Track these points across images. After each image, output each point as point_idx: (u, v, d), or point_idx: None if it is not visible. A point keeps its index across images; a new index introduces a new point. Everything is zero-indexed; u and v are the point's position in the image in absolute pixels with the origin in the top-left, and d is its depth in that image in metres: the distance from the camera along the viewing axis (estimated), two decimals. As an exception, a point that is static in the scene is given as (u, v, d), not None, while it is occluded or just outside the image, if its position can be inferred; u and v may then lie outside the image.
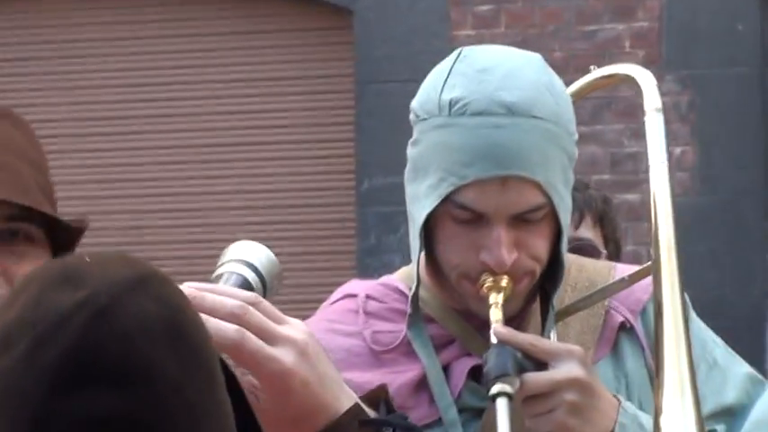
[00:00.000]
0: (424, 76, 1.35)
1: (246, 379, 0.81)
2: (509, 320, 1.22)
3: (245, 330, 0.82)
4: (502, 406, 1.11)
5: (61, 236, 1.14)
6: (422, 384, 1.27)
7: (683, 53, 6.10)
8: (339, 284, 1.48)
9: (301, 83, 6.20)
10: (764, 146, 6.02)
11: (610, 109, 6.13)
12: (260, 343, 0.83)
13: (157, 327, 0.52)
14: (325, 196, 6.27)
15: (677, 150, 5.76)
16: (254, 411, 0.66)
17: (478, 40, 5.54)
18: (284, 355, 0.84)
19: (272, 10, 6.30)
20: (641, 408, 1.25)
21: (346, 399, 0.89)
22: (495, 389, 1.11)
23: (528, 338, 1.22)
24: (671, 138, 1.78)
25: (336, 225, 6.30)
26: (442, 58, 1.34)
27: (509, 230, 1.21)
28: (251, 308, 0.85)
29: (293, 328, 0.87)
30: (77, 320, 0.50)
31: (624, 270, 1.37)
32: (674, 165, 5.43)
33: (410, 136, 1.33)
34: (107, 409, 0.50)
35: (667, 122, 1.41)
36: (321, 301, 1.48)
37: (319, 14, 6.28)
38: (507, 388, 1.12)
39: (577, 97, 1.46)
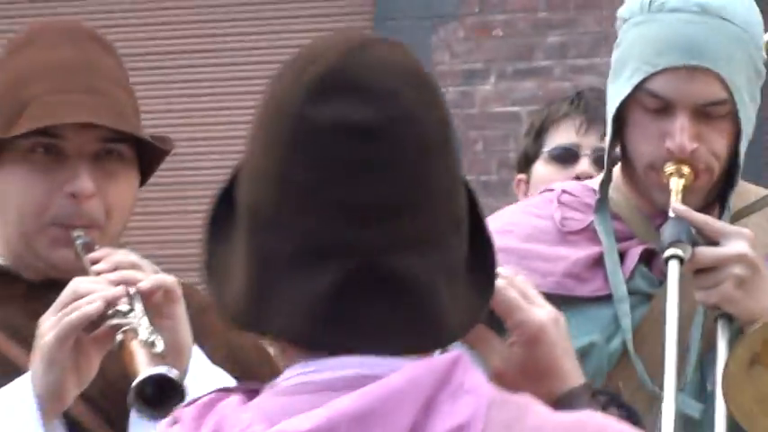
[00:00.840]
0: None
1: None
2: None
3: (511, 282, 0.92)
4: (673, 268, 1.28)
5: (147, 155, 1.31)
6: (599, 262, 1.45)
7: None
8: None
9: (321, 20, 6.40)
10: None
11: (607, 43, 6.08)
12: (521, 297, 0.93)
13: (405, 68, 0.68)
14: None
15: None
16: (508, 360, 0.88)
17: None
18: (541, 314, 0.92)
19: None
20: None
21: (580, 375, 0.96)
22: (668, 252, 1.29)
23: (702, 217, 1.37)
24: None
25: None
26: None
27: (693, 121, 1.38)
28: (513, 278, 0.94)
29: (545, 303, 0.96)
30: (342, 48, 0.66)
31: None
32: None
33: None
34: (347, 116, 0.63)
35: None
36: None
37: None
38: (680, 252, 1.29)
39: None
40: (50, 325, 1.17)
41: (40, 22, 2.55)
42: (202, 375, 1.22)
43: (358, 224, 0.63)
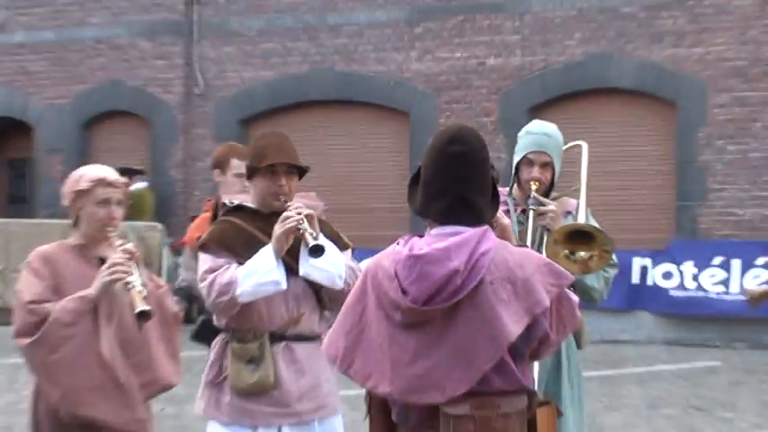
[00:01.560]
0: None
1: None
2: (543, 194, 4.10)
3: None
4: (532, 214, 3.99)
5: (301, 172, 3.74)
6: (508, 213, 4.23)
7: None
8: None
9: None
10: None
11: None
12: (500, 217, 3.55)
13: (473, 133, 2.73)
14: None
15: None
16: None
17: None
18: (506, 220, 3.70)
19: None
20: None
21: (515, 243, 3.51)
22: (531, 208, 3.99)
23: (542, 198, 4.02)
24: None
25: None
26: None
27: (540, 168, 4.09)
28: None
29: (506, 217, 3.76)
30: (455, 127, 2.78)
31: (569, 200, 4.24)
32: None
33: None
34: (457, 149, 2.63)
35: None
36: None
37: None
38: (534, 208, 4.00)
39: None
40: (278, 227, 3.54)
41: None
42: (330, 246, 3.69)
43: (459, 184, 2.60)
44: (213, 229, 4.07)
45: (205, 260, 3.96)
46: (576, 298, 2.70)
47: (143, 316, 3.44)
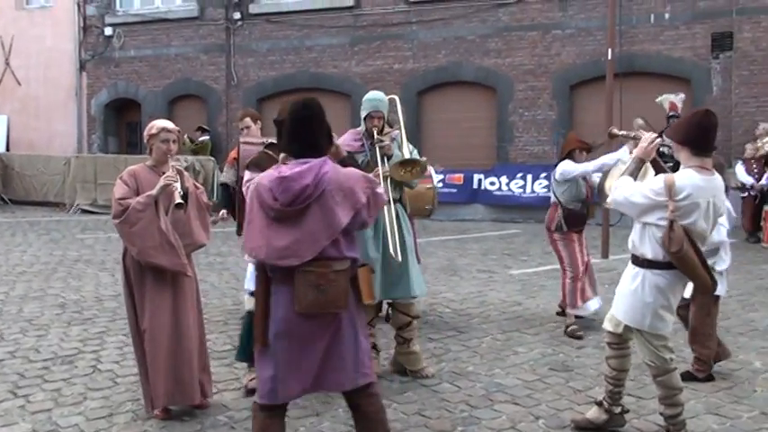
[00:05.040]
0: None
1: None
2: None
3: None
4: (377, 147, 5.39)
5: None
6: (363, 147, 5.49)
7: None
8: None
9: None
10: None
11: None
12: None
13: (317, 107, 3.52)
14: None
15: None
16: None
17: None
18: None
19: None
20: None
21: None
22: (376, 142, 5.41)
23: (379, 137, 5.42)
24: None
25: None
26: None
27: (380, 120, 5.53)
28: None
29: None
30: (303, 103, 3.53)
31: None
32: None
33: None
34: (307, 114, 3.47)
35: None
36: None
37: None
38: (377, 143, 5.41)
39: None
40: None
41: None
42: None
43: (306, 133, 3.42)
44: (254, 157, 5.27)
45: (247, 174, 5.08)
46: (381, 192, 3.52)
47: (179, 206, 4.46)
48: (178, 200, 4.40)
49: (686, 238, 4.07)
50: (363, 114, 5.42)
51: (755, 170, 13.16)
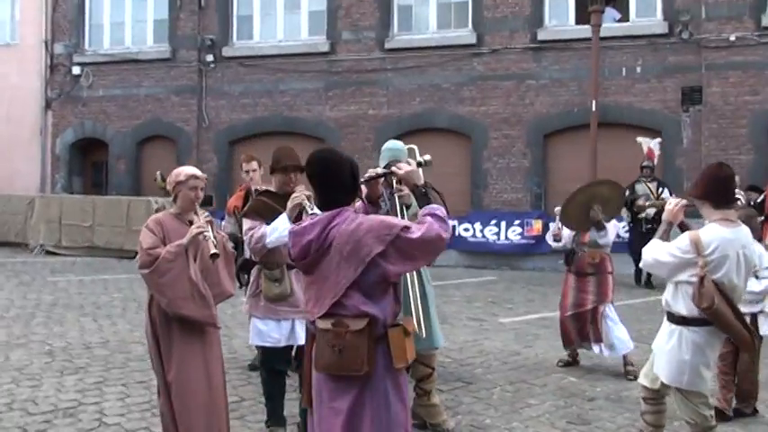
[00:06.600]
0: None
1: None
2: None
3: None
4: (396, 196, 4.67)
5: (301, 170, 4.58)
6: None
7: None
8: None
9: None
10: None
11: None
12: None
13: (323, 161, 3.32)
14: None
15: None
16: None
17: None
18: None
19: None
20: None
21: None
22: (395, 191, 4.66)
23: (399, 186, 4.53)
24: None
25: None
26: None
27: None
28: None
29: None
30: (308, 159, 3.36)
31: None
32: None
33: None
34: (312, 171, 3.34)
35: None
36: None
37: None
38: (396, 193, 4.66)
39: None
40: (290, 203, 4.75)
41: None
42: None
43: (321, 188, 3.29)
44: (250, 204, 5.29)
45: (246, 223, 5.04)
46: (419, 235, 3.12)
47: (214, 256, 4.37)
48: (213, 250, 4.32)
49: (717, 294, 4.10)
50: (383, 164, 5.23)
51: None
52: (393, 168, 3.75)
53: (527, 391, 6.72)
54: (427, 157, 4.58)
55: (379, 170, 4.15)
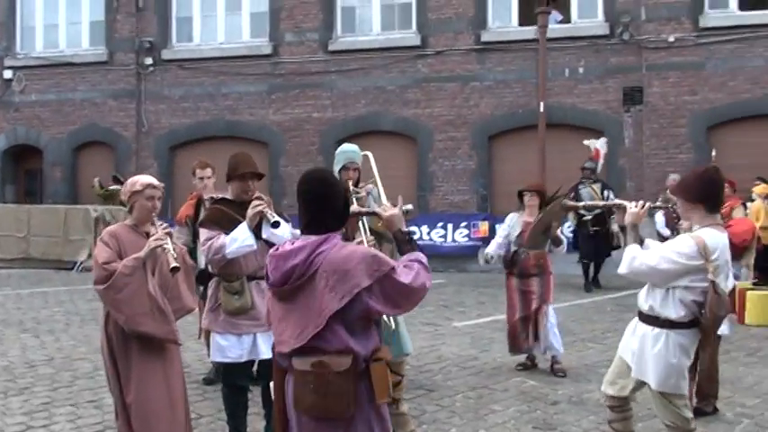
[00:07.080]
0: None
1: None
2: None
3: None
4: (353, 198, 4.93)
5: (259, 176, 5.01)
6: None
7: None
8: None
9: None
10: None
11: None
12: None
13: (315, 181, 3.03)
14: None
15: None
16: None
17: None
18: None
19: None
20: None
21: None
22: (353, 194, 5.05)
23: (355, 189, 5.23)
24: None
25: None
26: None
27: (353, 172, 5.40)
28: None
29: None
30: (302, 178, 3.06)
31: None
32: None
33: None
34: (306, 189, 3.03)
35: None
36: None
37: None
38: (354, 194, 5.03)
39: None
40: (250, 211, 4.63)
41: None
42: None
43: (307, 210, 3.03)
44: (207, 213, 5.05)
45: (203, 233, 4.84)
46: (407, 281, 2.99)
47: (174, 270, 4.17)
48: (174, 263, 4.12)
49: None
50: (338, 168, 5.27)
51: (676, 221, 13.68)
52: (378, 210, 3.68)
53: (489, 397, 6.66)
54: (409, 206, 4.32)
55: (363, 209, 4.16)
